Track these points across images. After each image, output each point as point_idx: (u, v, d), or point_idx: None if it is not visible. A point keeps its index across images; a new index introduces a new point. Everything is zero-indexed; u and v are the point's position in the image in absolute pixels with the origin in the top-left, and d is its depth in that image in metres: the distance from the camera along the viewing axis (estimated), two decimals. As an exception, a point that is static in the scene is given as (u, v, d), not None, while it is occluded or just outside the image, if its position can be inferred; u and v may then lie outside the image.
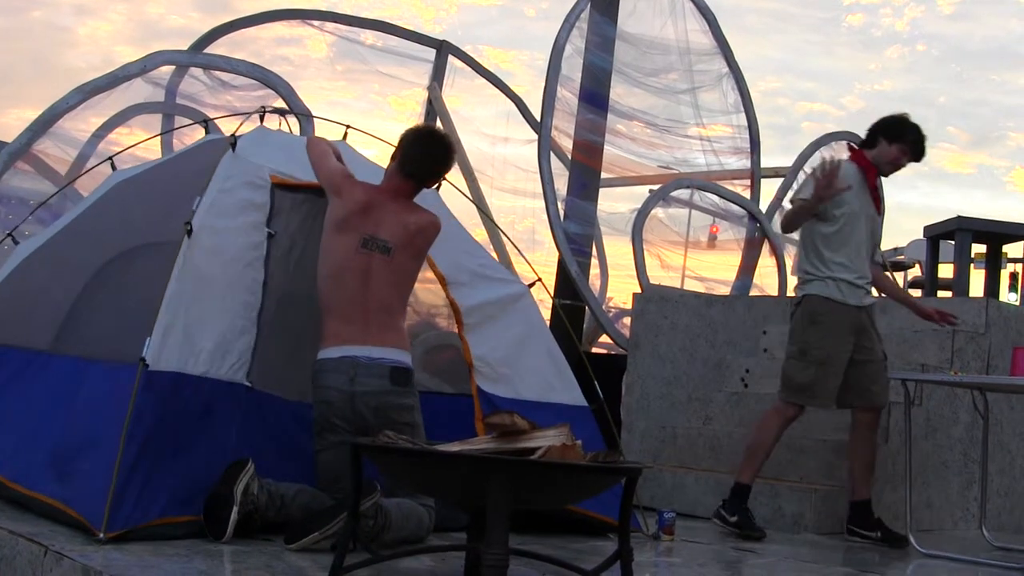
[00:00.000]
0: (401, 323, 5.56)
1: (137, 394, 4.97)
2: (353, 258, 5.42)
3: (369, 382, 5.29)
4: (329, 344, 5.37)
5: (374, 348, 5.35)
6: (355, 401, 5.27)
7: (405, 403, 5.38)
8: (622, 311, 15.12)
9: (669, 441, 8.81)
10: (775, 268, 15.17)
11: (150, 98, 12.78)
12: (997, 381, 6.94)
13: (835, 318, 6.87)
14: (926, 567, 6.41)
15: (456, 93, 16.25)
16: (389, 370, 5.34)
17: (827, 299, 6.88)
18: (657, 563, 5.91)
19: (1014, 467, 8.76)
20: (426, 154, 5.68)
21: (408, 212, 5.61)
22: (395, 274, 5.50)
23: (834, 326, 6.88)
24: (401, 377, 5.38)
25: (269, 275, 5.71)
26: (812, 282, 6.93)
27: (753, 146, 15.65)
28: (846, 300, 6.89)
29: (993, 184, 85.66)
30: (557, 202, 12.49)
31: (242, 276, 5.61)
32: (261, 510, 5.14)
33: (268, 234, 5.78)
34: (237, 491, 5.04)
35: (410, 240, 5.55)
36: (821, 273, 6.90)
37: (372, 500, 5.00)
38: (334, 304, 5.42)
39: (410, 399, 5.42)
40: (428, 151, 5.70)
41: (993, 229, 12.42)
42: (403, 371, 5.40)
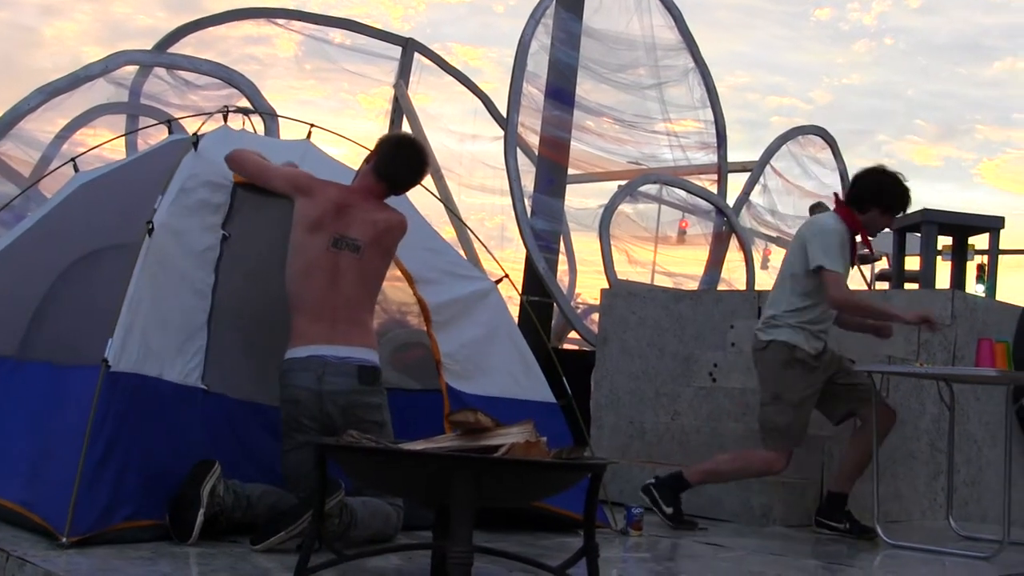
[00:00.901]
0: (369, 322, 5.56)
1: (100, 396, 4.94)
2: (323, 257, 5.41)
3: (337, 381, 5.27)
4: (297, 343, 5.36)
5: (342, 347, 5.34)
6: (323, 400, 5.26)
7: (373, 402, 5.37)
8: (591, 307, 15.10)
9: (638, 436, 8.81)
10: (743, 262, 15.21)
11: (113, 98, 12.69)
12: (962, 372, 6.97)
13: (805, 363, 6.89)
14: (893, 558, 6.42)
15: (425, 91, 16.26)
16: (357, 369, 5.33)
17: (795, 346, 6.88)
18: (625, 559, 5.92)
19: (980, 457, 8.78)
20: (404, 162, 5.72)
21: (377, 211, 5.62)
22: (364, 273, 5.50)
23: (805, 370, 6.90)
24: (369, 376, 5.37)
25: (223, 277, 5.70)
26: (780, 328, 6.91)
27: (720, 141, 15.67)
28: (810, 349, 6.90)
29: (961, 176, 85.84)
30: (524, 199, 12.47)
31: (194, 280, 5.61)
32: (227, 511, 5.13)
33: (222, 236, 5.77)
34: (204, 492, 5.02)
35: (379, 239, 5.55)
36: (791, 321, 6.89)
37: (336, 499, 4.99)
38: (303, 303, 5.40)
39: (378, 398, 5.41)
40: (407, 159, 5.74)
41: (958, 221, 12.43)
42: (371, 370, 5.39)
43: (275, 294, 5.54)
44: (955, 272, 12.87)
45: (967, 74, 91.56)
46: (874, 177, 7.08)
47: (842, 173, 17.93)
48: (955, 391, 7.58)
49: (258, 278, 5.77)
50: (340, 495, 5.03)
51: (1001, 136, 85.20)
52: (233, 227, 5.83)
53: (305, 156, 6.42)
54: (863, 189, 7.04)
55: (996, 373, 6.68)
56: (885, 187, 7.00)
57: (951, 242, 13.16)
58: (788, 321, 6.89)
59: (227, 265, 5.74)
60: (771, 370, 6.93)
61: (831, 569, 5.84)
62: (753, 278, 15.23)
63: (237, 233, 5.83)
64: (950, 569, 6.03)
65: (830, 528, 7.12)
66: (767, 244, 17.59)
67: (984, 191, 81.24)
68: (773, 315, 6.97)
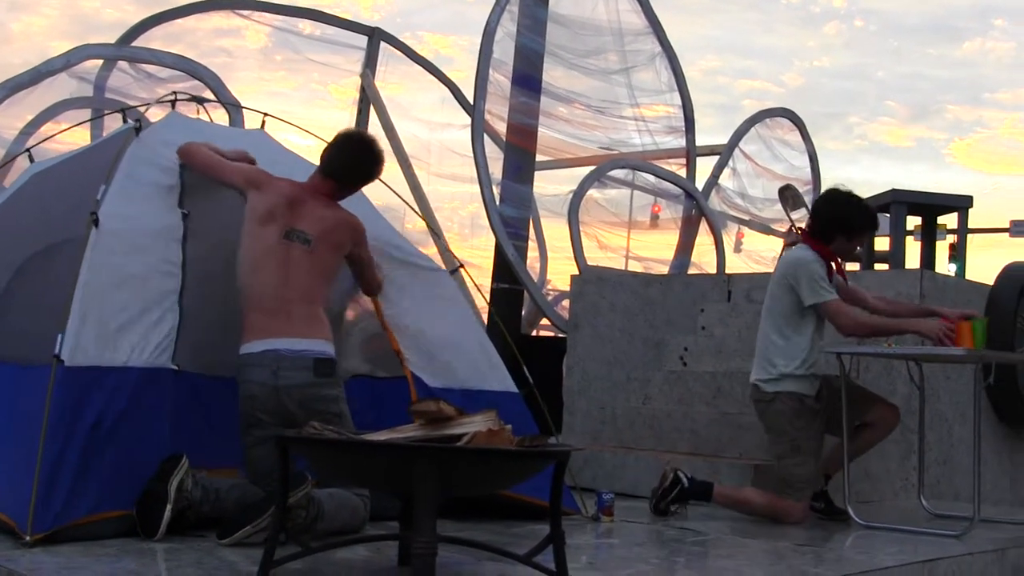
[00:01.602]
0: (322, 314, 5.51)
1: (53, 391, 4.90)
2: (275, 248, 5.39)
3: (293, 375, 5.24)
4: (251, 338, 5.32)
5: (296, 340, 5.30)
6: (280, 395, 5.23)
7: (330, 394, 5.33)
8: (562, 293, 15.11)
9: (609, 422, 8.80)
10: (713, 246, 15.21)
11: (76, 93, 12.64)
12: (929, 352, 6.94)
13: (813, 408, 6.86)
14: (865, 538, 6.41)
15: (397, 80, 16.24)
16: (313, 362, 5.29)
17: (803, 396, 6.84)
18: (595, 544, 5.90)
19: (952, 436, 8.79)
20: (349, 159, 5.74)
21: (326, 208, 5.62)
22: (315, 265, 5.47)
23: (814, 416, 6.86)
24: (325, 368, 5.33)
25: (191, 253, 5.64)
26: (783, 380, 6.83)
27: (688, 125, 15.68)
28: (813, 392, 6.86)
29: (932, 157, 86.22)
30: (492, 186, 12.47)
31: (158, 260, 5.54)
32: (195, 505, 5.09)
33: (183, 214, 5.72)
34: (171, 488, 4.98)
35: (328, 234, 5.53)
36: (797, 371, 6.83)
37: (303, 491, 4.96)
38: (255, 296, 5.37)
39: (335, 389, 5.38)
40: (352, 157, 5.75)
41: (927, 201, 12.48)
42: (326, 362, 5.35)
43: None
44: (925, 252, 12.92)
45: (937, 55, 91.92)
46: (833, 207, 7.03)
47: (811, 155, 17.96)
48: (925, 371, 7.58)
49: (225, 249, 5.68)
50: (307, 487, 4.99)
51: (972, 116, 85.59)
52: (191, 204, 5.78)
53: (259, 146, 6.37)
54: (825, 220, 7.00)
55: (963, 352, 6.66)
56: (845, 215, 6.97)
57: (920, 222, 13.22)
58: (793, 371, 6.83)
59: (193, 241, 5.68)
60: (783, 422, 6.84)
61: (801, 551, 5.82)
62: (723, 262, 15.24)
63: (196, 210, 5.78)
64: (921, 548, 6.02)
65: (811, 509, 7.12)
66: (740, 227, 17.61)
67: (956, 171, 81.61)
68: (774, 365, 6.88)
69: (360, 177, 5.83)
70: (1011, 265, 9.44)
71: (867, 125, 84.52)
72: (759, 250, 17.66)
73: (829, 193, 7.13)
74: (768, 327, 6.96)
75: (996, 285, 9.27)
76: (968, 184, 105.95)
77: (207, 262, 5.69)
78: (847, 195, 7.05)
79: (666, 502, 6.88)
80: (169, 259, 5.57)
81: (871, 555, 5.75)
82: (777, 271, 7.04)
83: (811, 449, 6.82)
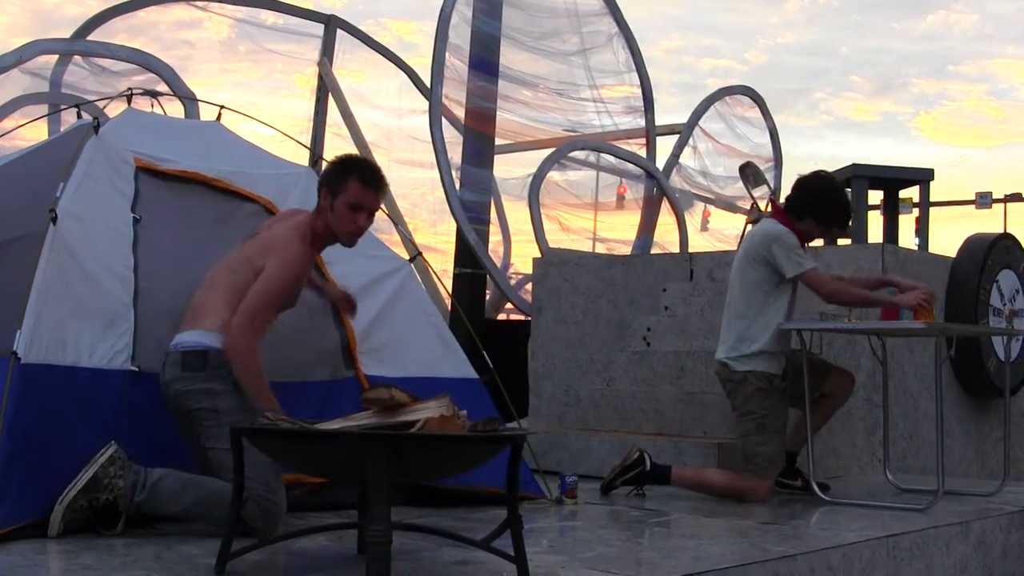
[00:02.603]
0: (219, 303, 5.19)
1: (11, 388, 4.83)
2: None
3: (166, 371, 5.11)
4: None
5: (180, 335, 5.17)
6: (167, 394, 5.13)
7: (197, 388, 5.06)
8: (526, 277, 15.11)
9: (573, 404, 8.77)
10: (675, 226, 15.22)
11: (29, 89, 12.63)
12: (890, 326, 6.93)
13: (780, 387, 6.83)
14: (830, 514, 6.40)
15: (359, 67, 16.22)
16: (181, 356, 5.09)
17: (773, 375, 6.81)
18: (558, 527, 5.88)
19: (917, 410, 8.80)
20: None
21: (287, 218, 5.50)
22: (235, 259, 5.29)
23: (782, 395, 6.83)
24: (193, 361, 5.09)
25: (143, 258, 5.57)
26: (754, 358, 6.78)
27: (647, 104, 15.71)
28: (779, 371, 6.83)
29: (898, 131, 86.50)
30: (452, 171, 12.48)
31: (113, 262, 5.48)
32: (125, 495, 4.95)
33: (134, 219, 5.66)
34: (81, 479, 4.86)
35: (261, 235, 5.38)
36: (764, 349, 6.78)
37: (108, 453, 4.86)
38: None
39: (205, 383, 5.08)
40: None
41: (888, 175, 12.53)
42: (196, 354, 5.10)
43: (197, 272, 5.42)
44: (887, 226, 12.96)
45: (901, 29, 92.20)
46: (811, 184, 6.97)
47: (772, 132, 18.02)
48: (888, 345, 7.57)
49: (176, 258, 5.64)
50: (111, 449, 4.88)
51: (936, 89, 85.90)
52: (141, 211, 5.72)
53: (215, 138, 6.32)
54: (799, 196, 6.94)
55: (923, 326, 6.66)
56: (820, 196, 6.90)
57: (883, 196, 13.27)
58: (764, 349, 6.78)
59: (144, 246, 5.62)
60: (751, 400, 6.78)
61: (764, 529, 5.81)
62: (686, 241, 15.25)
63: (148, 216, 5.73)
64: (886, 522, 6.00)
65: (787, 487, 7.12)
66: (706, 206, 17.66)
67: (922, 144, 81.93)
68: (746, 343, 6.83)
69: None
70: (972, 237, 9.47)
71: (832, 100, 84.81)
72: (722, 228, 17.70)
73: (817, 175, 7.04)
74: (738, 304, 6.90)
75: (958, 258, 9.31)
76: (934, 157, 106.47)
77: (162, 268, 5.62)
78: (830, 182, 7.03)
79: (621, 480, 6.85)
80: (123, 262, 5.51)
81: (835, 531, 5.74)
82: (745, 247, 6.98)
83: (776, 427, 6.80)
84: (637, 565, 4.68)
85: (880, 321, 7.10)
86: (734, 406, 6.91)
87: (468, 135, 13.39)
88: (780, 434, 6.83)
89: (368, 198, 5.21)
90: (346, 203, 5.15)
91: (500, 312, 15.35)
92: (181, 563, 4.43)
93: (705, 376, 8.16)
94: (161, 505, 4.95)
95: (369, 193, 5.20)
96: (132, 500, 4.90)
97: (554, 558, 4.75)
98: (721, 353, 6.93)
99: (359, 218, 5.20)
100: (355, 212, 5.18)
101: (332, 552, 4.88)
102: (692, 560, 4.77)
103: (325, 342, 5.98)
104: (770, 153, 18.00)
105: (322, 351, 5.99)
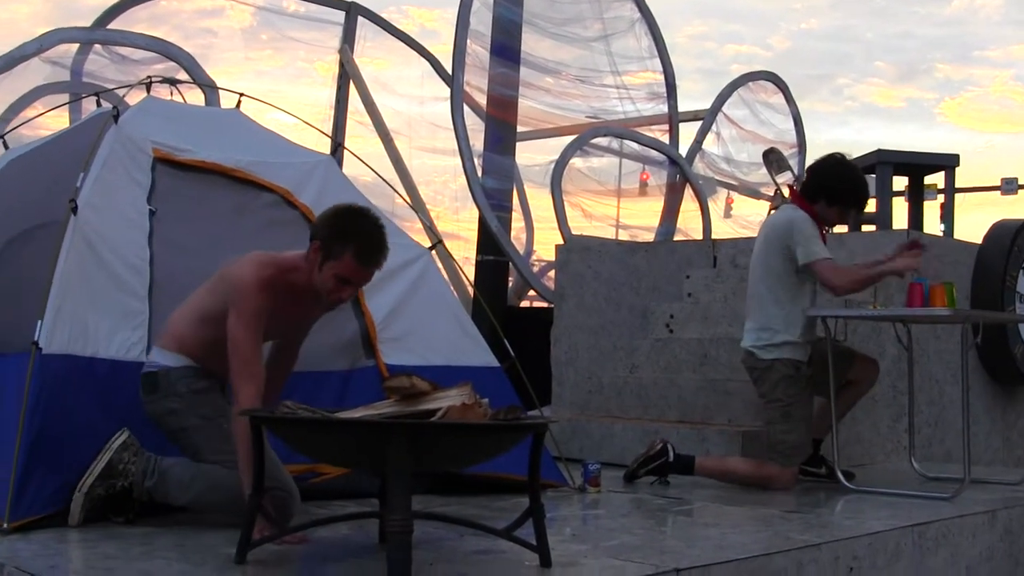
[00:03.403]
0: (182, 322, 5.05)
1: (32, 379, 4.83)
2: None
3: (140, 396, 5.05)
4: None
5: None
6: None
7: (159, 410, 5.00)
8: (549, 264, 15.09)
9: (596, 391, 8.73)
10: (698, 212, 15.17)
11: (50, 78, 12.64)
12: (914, 313, 6.86)
13: (806, 374, 6.79)
14: (855, 503, 6.36)
15: (382, 55, 16.20)
16: (141, 379, 5.02)
17: (800, 363, 6.76)
18: (580, 516, 5.85)
19: (943, 397, 8.75)
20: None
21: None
22: (216, 279, 5.02)
23: (807, 382, 6.79)
24: (147, 384, 5.01)
25: (158, 250, 5.55)
26: (781, 346, 6.74)
27: (669, 90, 15.66)
28: (805, 358, 6.79)
29: (923, 116, 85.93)
30: (474, 158, 12.44)
31: (127, 253, 5.47)
32: (137, 482, 4.93)
33: (150, 211, 5.64)
34: (97, 466, 4.85)
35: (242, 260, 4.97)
36: (791, 338, 6.73)
37: (121, 438, 4.85)
38: None
39: (164, 404, 4.98)
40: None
41: (913, 161, 12.45)
42: (148, 376, 5.01)
43: (211, 265, 5.39)
44: (912, 212, 12.89)
45: (925, 13, 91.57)
46: (821, 166, 6.96)
47: (795, 117, 17.95)
48: (914, 332, 7.52)
49: (192, 250, 5.63)
50: (123, 436, 4.87)
51: (962, 74, 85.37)
52: (158, 202, 5.70)
53: (235, 125, 6.30)
54: (811, 180, 6.93)
55: (949, 312, 6.60)
56: (832, 177, 6.85)
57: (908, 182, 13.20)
58: (789, 338, 6.74)
59: (160, 239, 5.60)
60: (777, 388, 6.75)
61: (788, 518, 5.77)
62: (709, 227, 15.20)
63: (163, 208, 5.70)
64: (911, 511, 5.96)
65: (812, 475, 7.09)
66: (729, 193, 17.60)
67: (947, 129, 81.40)
68: (772, 332, 6.79)
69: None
70: (998, 224, 9.40)
71: (856, 86, 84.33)
72: (746, 215, 17.65)
73: (827, 156, 7.01)
74: (762, 293, 6.85)
75: (984, 245, 9.25)
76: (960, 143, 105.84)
77: (176, 261, 5.60)
78: (841, 163, 6.95)
79: (645, 470, 6.83)
80: (139, 254, 5.50)
81: (860, 520, 5.70)
82: (766, 235, 6.92)
83: (802, 415, 6.75)
84: (660, 554, 4.63)
85: (905, 307, 7.04)
86: (760, 393, 6.88)
87: (490, 122, 13.36)
88: (805, 422, 6.78)
89: (360, 276, 4.81)
90: (335, 273, 4.73)
91: (523, 299, 15.34)
92: (201, 552, 4.41)
93: (728, 363, 8.12)
94: (171, 492, 4.92)
95: (363, 271, 4.80)
96: (143, 485, 4.89)
97: (577, 547, 4.73)
98: (747, 342, 6.89)
99: (344, 291, 4.81)
100: (342, 284, 4.78)
101: (353, 541, 4.86)
102: (715, 549, 4.74)
103: (344, 331, 5.94)
104: (794, 139, 17.95)
105: (341, 340, 5.96)
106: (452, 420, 3.92)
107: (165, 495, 4.92)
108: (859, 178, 6.97)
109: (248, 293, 4.72)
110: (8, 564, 4.10)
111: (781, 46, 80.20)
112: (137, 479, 4.88)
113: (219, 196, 5.99)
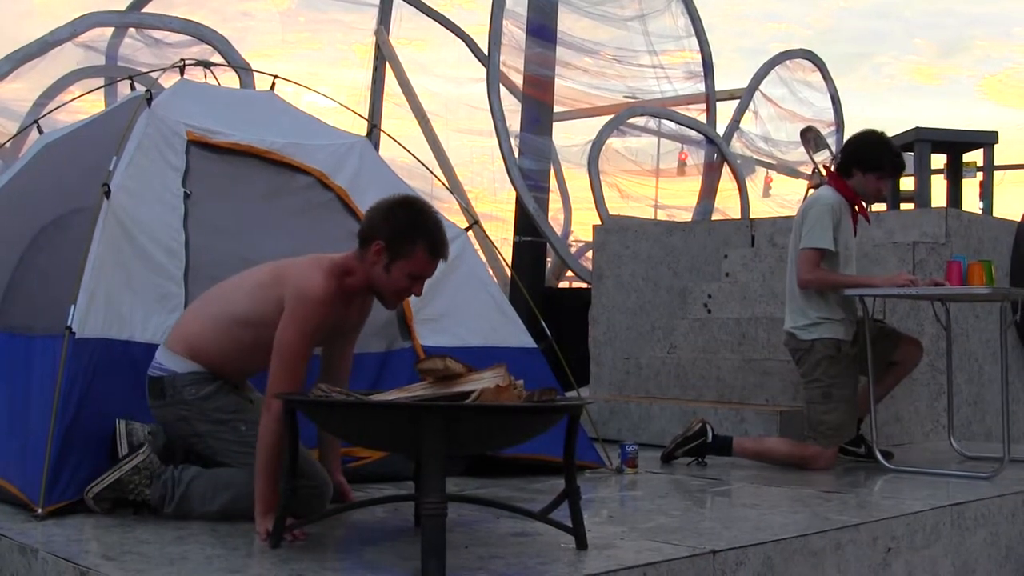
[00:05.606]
0: (196, 323, 4.89)
1: (65, 364, 4.83)
2: None
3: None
4: None
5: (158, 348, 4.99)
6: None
7: (169, 416, 4.86)
8: (587, 244, 15.07)
9: (634, 372, 8.71)
10: (736, 191, 15.11)
11: (83, 62, 12.66)
12: (953, 291, 6.81)
13: (849, 353, 6.75)
14: (893, 482, 6.33)
15: (421, 36, 16.18)
16: (147, 382, 4.88)
17: (841, 341, 6.73)
18: (618, 497, 5.83)
19: (982, 375, 8.69)
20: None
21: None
22: (246, 281, 4.84)
23: (850, 361, 6.76)
24: (153, 389, 4.86)
25: (193, 233, 5.54)
26: (821, 325, 6.71)
27: (707, 69, 15.61)
28: (848, 337, 6.76)
29: (963, 94, 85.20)
30: (510, 139, 12.41)
31: (163, 236, 5.46)
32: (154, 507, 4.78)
33: (184, 194, 5.63)
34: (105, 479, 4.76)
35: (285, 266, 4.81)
36: (830, 316, 6.71)
37: (134, 462, 4.75)
38: None
39: (173, 410, 4.83)
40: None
41: (951, 139, 12.35)
42: (155, 382, 4.85)
43: (246, 248, 5.40)
44: (951, 190, 12.79)
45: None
46: (853, 139, 7.03)
47: (833, 96, 17.85)
48: (952, 310, 7.47)
49: (227, 232, 5.63)
50: (138, 458, 4.76)
51: (1002, 51, 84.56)
52: (192, 184, 5.69)
53: (269, 107, 6.30)
54: (845, 155, 6.95)
55: (987, 290, 6.56)
56: (863, 145, 6.88)
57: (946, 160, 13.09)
58: (830, 316, 6.72)
59: (195, 222, 5.59)
60: (818, 368, 6.72)
61: (826, 498, 5.73)
62: (747, 206, 15.14)
63: (198, 190, 5.69)
64: (951, 491, 5.93)
65: (851, 454, 7.07)
66: (767, 172, 17.53)
67: (987, 107, 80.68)
68: (810, 313, 6.77)
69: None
70: (1037, 200, 9.32)
71: (896, 64, 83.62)
72: (784, 194, 17.57)
73: (858, 132, 7.02)
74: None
75: (1023, 222, 9.17)
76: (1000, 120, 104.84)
77: (211, 244, 5.59)
78: (871, 133, 6.95)
79: (682, 451, 6.81)
80: (174, 237, 5.49)
81: (898, 500, 5.66)
82: (802, 213, 6.90)
83: (843, 396, 6.71)
84: (697, 535, 4.61)
85: (943, 286, 7.00)
86: (802, 374, 6.85)
87: (526, 103, 13.35)
88: (848, 402, 6.74)
89: (431, 269, 4.65)
90: (408, 271, 4.54)
91: (561, 280, 15.33)
92: (235, 536, 4.42)
93: (767, 343, 8.09)
94: (195, 509, 4.78)
95: (434, 264, 4.63)
96: (163, 511, 4.78)
97: (613, 528, 4.71)
98: (788, 323, 6.86)
99: (416, 287, 4.63)
100: (414, 281, 4.59)
101: (389, 524, 4.86)
102: (753, 530, 4.72)
103: (380, 313, 5.93)
104: (832, 117, 17.86)
105: (378, 322, 5.86)
106: (485, 402, 3.91)
107: (188, 513, 4.77)
108: (889, 142, 6.95)
109: (314, 304, 4.51)
110: (42, 549, 4.12)
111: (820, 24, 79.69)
112: (155, 503, 4.78)
113: (254, 178, 5.98)
